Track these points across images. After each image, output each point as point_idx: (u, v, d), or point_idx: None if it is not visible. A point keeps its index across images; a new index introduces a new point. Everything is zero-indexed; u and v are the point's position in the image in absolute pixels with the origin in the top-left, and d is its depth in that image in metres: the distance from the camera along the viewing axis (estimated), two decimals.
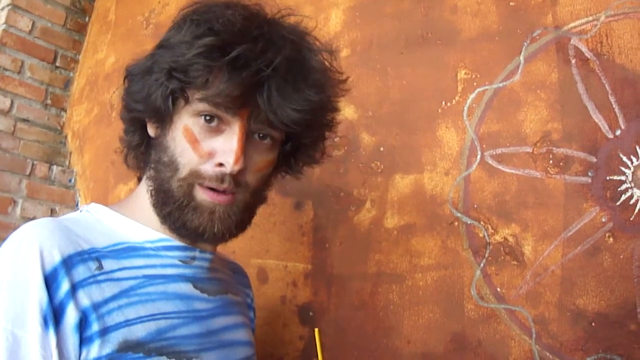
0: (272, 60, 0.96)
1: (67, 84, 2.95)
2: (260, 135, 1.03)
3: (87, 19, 3.07)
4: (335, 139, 1.74)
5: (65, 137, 2.88)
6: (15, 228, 0.94)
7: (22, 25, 2.71)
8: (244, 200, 1.05)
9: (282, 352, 1.70)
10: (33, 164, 2.65)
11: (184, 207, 1.01)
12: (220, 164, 0.98)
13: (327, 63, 1.10)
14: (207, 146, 0.99)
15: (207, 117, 0.98)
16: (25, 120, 2.68)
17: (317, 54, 1.08)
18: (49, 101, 2.83)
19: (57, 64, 2.89)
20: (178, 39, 0.98)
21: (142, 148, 1.12)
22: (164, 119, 1.02)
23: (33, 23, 2.75)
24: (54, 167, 2.75)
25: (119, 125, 2.34)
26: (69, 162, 2.84)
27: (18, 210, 2.52)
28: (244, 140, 0.99)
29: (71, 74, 2.97)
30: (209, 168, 0.99)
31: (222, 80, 0.94)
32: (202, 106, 0.97)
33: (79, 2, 3.01)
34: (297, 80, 1.01)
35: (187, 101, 0.98)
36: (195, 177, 0.99)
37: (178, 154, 1.00)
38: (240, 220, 1.06)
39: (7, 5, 2.66)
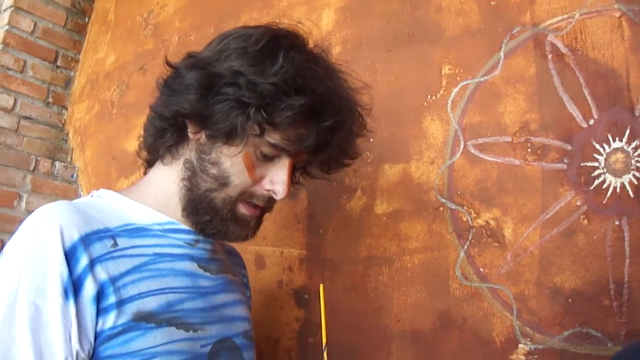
0: (344, 123, 1.09)
1: (68, 82, 2.98)
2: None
3: (87, 19, 3.09)
4: None
5: (67, 134, 2.91)
6: (20, 221, 0.99)
7: (24, 26, 2.74)
8: (269, 211, 1.19)
9: (279, 333, 1.74)
10: (37, 160, 2.69)
11: (227, 220, 1.10)
12: (269, 190, 1.08)
13: (365, 122, 1.22)
14: (260, 172, 1.08)
15: (269, 156, 1.08)
16: (28, 118, 2.72)
17: (363, 115, 1.20)
18: (50, 99, 2.86)
19: (59, 64, 2.92)
20: (266, 76, 1.00)
21: (180, 149, 1.15)
22: (228, 140, 1.06)
23: (35, 24, 2.79)
24: (57, 162, 2.78)
25: (120, 121, 2.41)
26: (71, 158, 2.87)
27: (23, 204, 2.57)
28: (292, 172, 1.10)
29: (72, 73, 3.00)
30: (258, 190, 1.09)
31: (306, 139, 1.05)
32: (272, 150, 1.06)
33: (79, 3, 3.03)
34: (351, 134, 1.16)
35: (260, 135, 1.03)
36: (245, 196, 1.09)
37: (232, 174, 1.07)
38: (260, 223, 1.19)
39: (10, 7, 2.69)
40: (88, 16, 3.11)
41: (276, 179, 1.08)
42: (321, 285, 1.26)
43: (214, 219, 1.10)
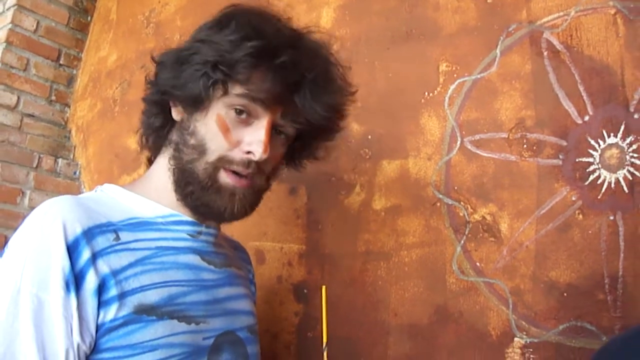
0: (311, 67, 1.08)
1: (70, 80, 2.99)
2: (278, 130, 1.13)
3: (89, 18, 3.10)
4: None
5: (70, 131, 2.92)
6: (23, 217, 1.01)
7: (27, 24, 2.75)
8: (260, 184, 1.15)
9: (279, 327, 1.75)
10: (39, 157, 2.71)
11: (208, 188, 1.08)
12: (249, 152, 1.06)
13: (343, 76, 1.21)
14: (236, 135, 1.07)
15: (240, 110, 1.06)
16: (31, 116, 2.73)
17: (338, 67, 1.19)
18: (53, 97, 2.88)
19: (61, 62, 2.94)
20: (223, 36, 1.05)
21: (163, 130, 1.19)
22: (198, 105, 1.08)
23: (38, 22, 2.80)
24: (60, 160, 2.80)
25: (122, 119, 2.42)
26: (74, 155, 2.88)
27: (26, 200, 2.59)
28: (270, 133, 1.08)
29: (74, 71, 3.01)
30: (237, 155, 1.07)
31: (266, 79, 1.04)
32: (240, 100, 1.05)
33: (81, 2, 3.05)
34: (327, 87, 1.12)
35: (225, 93, 1.06)
36: (224, 162, 1.07)
37: (208, 139, 1.07)
38: (253, 202, 1.16)
39: (13, 6, 2.70)
40: (90, 15, 3.12)
41: (253, 139, 1.07)
42: (323, 287, 1.27)
43: (195, 189, 1.09)
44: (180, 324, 1.04)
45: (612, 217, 1.29)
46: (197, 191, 1.10)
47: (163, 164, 1.17)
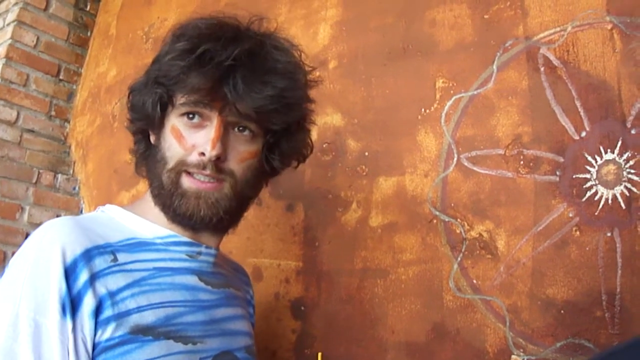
0: (234, 53, 1.04)
1: (70, 96, 2.99)
2: (240, 128, 1.11)
3: (89, 33, 3.11)
4: (324, 145, 1.79)
5: (69, 147, 2.92)
6: (22, 233, 1.02)
7: (27, 40, 2.76)
8: (230, 187, 1.11)
9: (276, 344, 1.75)
10: (39, 173, 2.70)
11: (172, 195, 1.08)
12: (202, 153, 1.05)
13: (293, 56, 1.17)
14: (191, 140, 1.07)
15: (190, 115, 1.07)
16: (30, 131, 2.73)
17: (281, 48, 1.15)
18: (53, 112, 2.88)
19: (61, 77, 2.94)
20: (163, 52, 1.09)
21: (147, 155, 1.19)
22: (156, 124, 1.11)
23: (37, 38, 2.81)
24: (59, 175, 2.80)
25: (122, 135, 2.43)
26: (73, 171, 2.88)
27: (25, 216, 2.57)
28: (221, 131, 1.07)
29: (74, 87, 3.02)
30: (193, 157, 1.06)
31: (195, 77, 1.03)
32: (184, 108, 1.06)
33: (81, 18, 3.06)
34: (261, 71, 1.08)
35: (173, 105, 1.08)
36: (181, 165, 1.07)
37: (166, 149, 1.09)
38: (228, 206, 1.11)
39: (13, 21, 2.71)
40: (90, 30, 3.13)
41: (205, 139, 1.06)
42: (319, 354, 1.27)
43: (166, 199, 1.10)
44: (176, 344, 1.04)
45: (609, 234, 1.28)
46: (166, 200, 1.10)
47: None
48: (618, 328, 1.23)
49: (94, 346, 0.95)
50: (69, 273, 0.94)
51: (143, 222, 1.14)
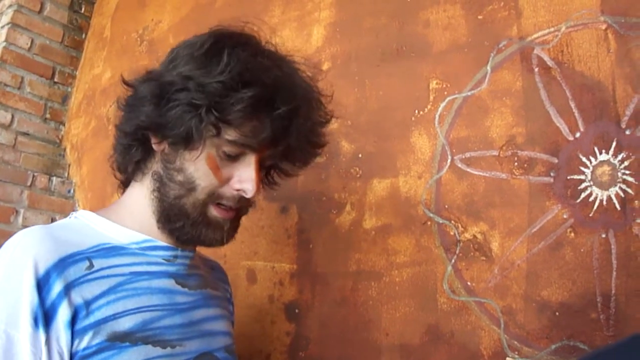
0: (300, 110, 1.08)
1: (65, 98, 3.00)
2: (270, 165, 1.17)
3: (83, 36, 3.11)
4: None
5: (64, 149, 2.92)
6: None
7: (21, 42, 2.77)
8: (245, 213, 1.18)
9: (271, 347, 1.74)
10: (34, 176, 2.70)
11: (198, 224, 1.09)
12: (239, 189, 1.08)
13: (325, 108, 1.21)
14: (226, 172, 1.08)
15: (232, 154, 1.07)
16: (25, 134, 2.74)
17: (321, 99, 1.19)
18: (48, 115, 2.88)
19: (56, 80, 2.95)
20: (212, 77, 1.02)
21: (144, 160, 1.17)
22: (188, 145, 1.07)
23: (32, 40, 2.82)
24: (54, 178, 2.80)
25: None
26: (68, 174, 2.88)
27: (20, 219, 2.58)
28: (259, 169, 1.09)
29: (69, 89, 3.02)
30: (227, 191, 1.08)
31: (263, 129, 1.04)
32: (232, 147, 1.06)
33: (75, 20, 3.06)
34: (313, 125, 1.15)
35: (218, 134, 1.04)
36: (214, 198, 1.08)
37: (198, 177, 1.06)
38: (237, 226, 1.18)
39: (7, 24, 2.72)
40: (85, 32, 3.13)
41: (244, 177, 1.07)
42: None
43: (185, 224, 1.09)
44: (155, 348, 1.04)
45: (604, 235, 1.27)
46: (187, 226, 1.10)
47: (140, 191, 1.16)
48: (613, 330, 1.22)
49: (72, 356, 0.94)
50: (42, 284, 0.93)
51: (118, 228, 1.13)
